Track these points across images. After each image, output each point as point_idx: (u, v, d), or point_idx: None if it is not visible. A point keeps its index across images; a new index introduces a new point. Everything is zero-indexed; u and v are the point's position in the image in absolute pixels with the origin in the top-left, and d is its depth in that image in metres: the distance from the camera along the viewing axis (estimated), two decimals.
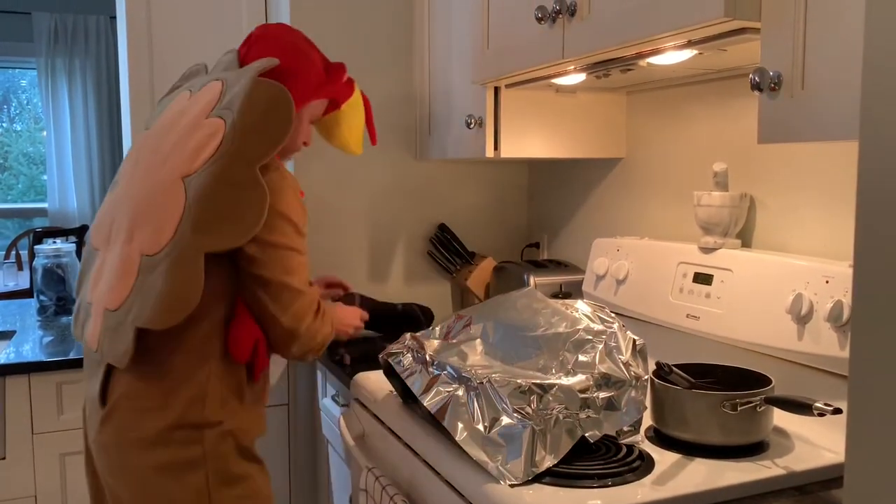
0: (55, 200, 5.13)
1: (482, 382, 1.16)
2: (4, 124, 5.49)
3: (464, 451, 1.14)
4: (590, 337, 1.24)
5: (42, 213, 5.35)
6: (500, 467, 1.09)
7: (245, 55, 1.48)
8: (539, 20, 1.37)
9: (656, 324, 1.61)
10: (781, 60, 1.01)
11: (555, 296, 1.93)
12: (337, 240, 2.15)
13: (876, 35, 0.52)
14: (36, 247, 2.41)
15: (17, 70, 5.40)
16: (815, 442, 1.21)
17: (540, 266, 2.00)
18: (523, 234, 2.33)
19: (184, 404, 1.35)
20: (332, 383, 1.96)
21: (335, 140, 1.64)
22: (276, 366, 2.06)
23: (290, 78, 1.42)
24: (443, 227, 2.22)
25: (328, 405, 2.00)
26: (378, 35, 2.13)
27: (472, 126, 1.77)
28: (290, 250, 1.37)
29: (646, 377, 1.22)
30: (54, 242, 4.22)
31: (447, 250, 2.22)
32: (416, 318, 1.96)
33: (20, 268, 4.24)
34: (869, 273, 0.57)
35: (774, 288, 1.34)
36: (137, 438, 1.35)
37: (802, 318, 1.27)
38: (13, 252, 4.58)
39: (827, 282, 1.25)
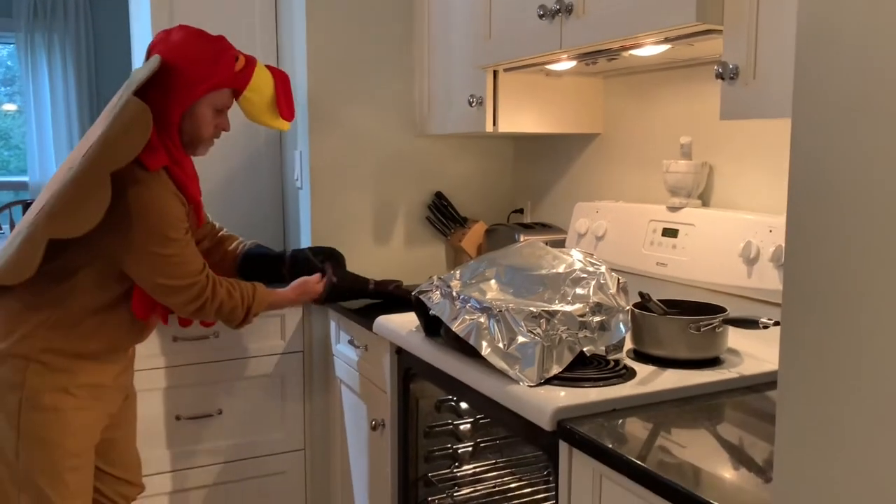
0: (35, 173, 5.23)
1: (501, 311, 1.45)
2: None
3: (486, 366, 1.43)
4: (584, 276, 1.54)
5: (15, 186, 5.44)
6: (518, 373, 1.38)
7: (148, 54, 1.73)
8: (541, 16, 1.65)
9: (631, 272, 1.92)
10: (739, 56, 1.31)
11: None
12: (345, 206, 2.41)
13: (804, 37, 0.79)
14: None
15: None
16: (761, 357, 1.53)
17: (527, 227, 2.29)
18: (509, 201, 2.62)
19: (14, 339, 1.63)
20: (346, 329, 2.23)
21: (253, 120, 1.86)
22: None
23: (174, 79, 1.66)
24: (439, 195, 2.50)
25: (343, 350, 2.27)
26: (380, 23, 2.38)
27: (473, 104, 2.04)
28: (159, 256, 1.65)
29: (628, 308, 1.53)
30: None
31: (443, 215, 2.50)
32: (387, 296, 2.13)
33: None
34: (798, 219, 0.75)
35: (728, 238, 1.66)
36: None
37: (751, 261, 1.59)
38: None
39: (770, 231, 1.57)
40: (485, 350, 1.43)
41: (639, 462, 1.08)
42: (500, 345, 1.43)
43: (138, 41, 2.63)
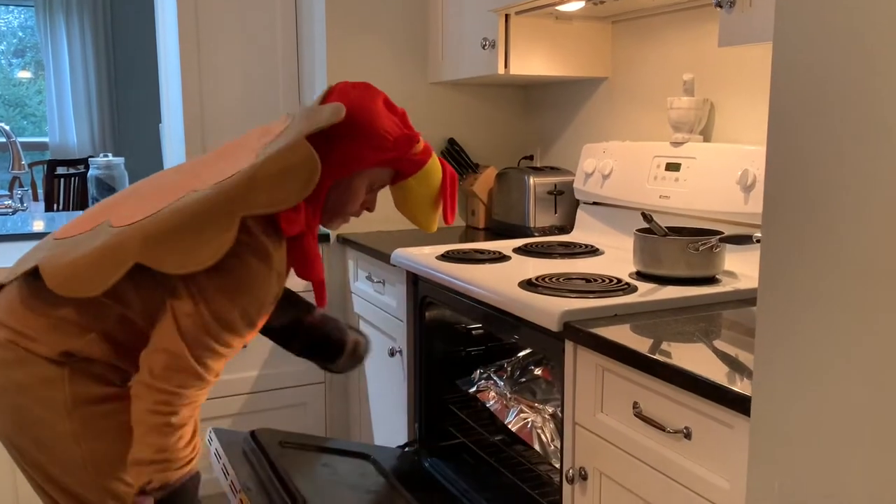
0: (55, 135, 5.36)
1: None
2: None
3: (496, 284, 1.54)
4: None
5: (36, 146, 5.58)
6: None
7: (324, 101, 1.44)
8: None
9: (635, 207, 2.01)
10: None
11: (550, 193, 2.34)
12: None
13: None
14: (90, 159, 2.72)
15: None
16: (754, 276, 1.63)
17: (537, 170, 2.39)
18: (519, 147, 2.72)
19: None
20: (363, 267, 2.35)
21: (403, 211, 1.54)
22: None
23: (349, 139, 1.38)
24: (451, 141, 2.60)
25: (361, 287, 2.38)
26: None
27: (486, 48, 2.13)
28: (213, 334, 1.27)
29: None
30: (67, 170, 4.48)
31: (456, 161, 2.59)
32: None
33: (35, 197, 4.50)
34: (778, 145, 0.86)
35: (727, 168, 1.75)
36: None
37: (748, 187, 1.68)
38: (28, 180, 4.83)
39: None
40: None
41: (636, 349, 1.19)
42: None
43: (161, 5, 2.72)
